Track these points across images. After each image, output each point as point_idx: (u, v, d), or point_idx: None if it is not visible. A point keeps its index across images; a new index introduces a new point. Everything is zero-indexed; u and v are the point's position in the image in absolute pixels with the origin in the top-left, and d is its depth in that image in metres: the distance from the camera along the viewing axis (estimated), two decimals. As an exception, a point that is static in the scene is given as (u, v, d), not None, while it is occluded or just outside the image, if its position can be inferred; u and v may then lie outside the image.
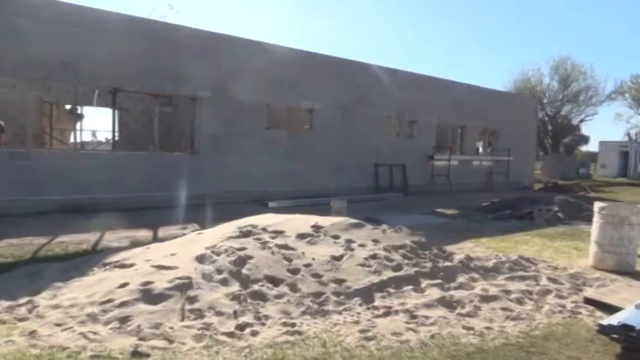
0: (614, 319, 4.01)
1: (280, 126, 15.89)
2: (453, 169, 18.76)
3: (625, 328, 3.80)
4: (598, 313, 4.78)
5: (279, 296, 4.54)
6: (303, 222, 6.28)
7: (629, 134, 50.73)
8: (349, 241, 5.83)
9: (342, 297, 4.68)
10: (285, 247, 5.44)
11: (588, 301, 5.13)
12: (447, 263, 5.77)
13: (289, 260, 5.16)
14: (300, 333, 3.96)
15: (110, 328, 3.82)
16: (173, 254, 5.28)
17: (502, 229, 9.98)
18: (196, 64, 12.18)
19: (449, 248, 6.93)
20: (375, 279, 5.07)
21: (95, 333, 3.73)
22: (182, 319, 4.02)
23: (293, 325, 4.09)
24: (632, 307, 4.24)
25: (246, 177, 13.05)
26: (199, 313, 4.11)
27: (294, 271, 4.97)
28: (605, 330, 4.02)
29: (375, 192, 15.89)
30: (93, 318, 3.97)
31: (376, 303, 4.67)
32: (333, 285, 4.86)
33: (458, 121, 19.91)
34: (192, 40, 12.25)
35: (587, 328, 4.42)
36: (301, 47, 16.59)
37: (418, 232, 6.75)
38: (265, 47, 13.68)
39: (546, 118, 41.36)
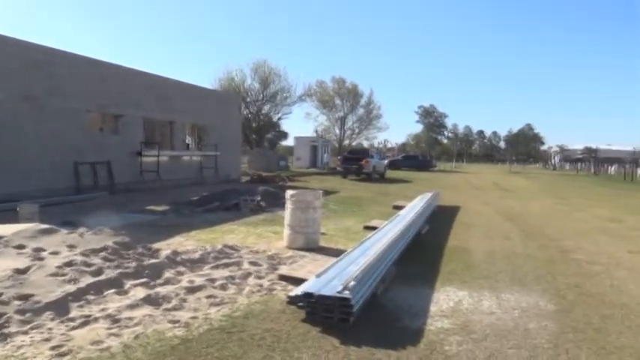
0: (299, 290, 4.62)
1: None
2: (163, 165, 18.52)
3: (307, 296, 4.41)
4: (290, 287, 5.37)
5: (-63, 328, 3.67)
6: (-25, 233, 5.23)
7: (317, 131, 59.82)
8: (38, 250, 5.14)
9: (28, 314, 4.07)
10: (-52, 266, 4.44)
11: (282, 278, 5.77)
12: (153, 260, 5.66)
13: (-47, 282, 4.22)
14: (-31, 367, 3.29)
15: None
16: None
17: (211, 221, 10.34)
18: None
19: (158, 245, 6.83)
20: (71, 288, 4.59)
21: None
22: None
23: (-41, 359, 3.36)
24: (314, 277, 4.95)
25: None
26: None
27: (-39, 295, 4.10)
28: (293, 300, 4.60)
29: (77, 192, 14.41)
30: None
31: (72, 314, 4.23)
32: (16, 303, 4.19)
33: (167, 116, 19.69)
34: None
35: (281, 301, 4.96)
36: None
37: (122, 232, 6.43)
38: None
39: (250, 116, 44.91)
